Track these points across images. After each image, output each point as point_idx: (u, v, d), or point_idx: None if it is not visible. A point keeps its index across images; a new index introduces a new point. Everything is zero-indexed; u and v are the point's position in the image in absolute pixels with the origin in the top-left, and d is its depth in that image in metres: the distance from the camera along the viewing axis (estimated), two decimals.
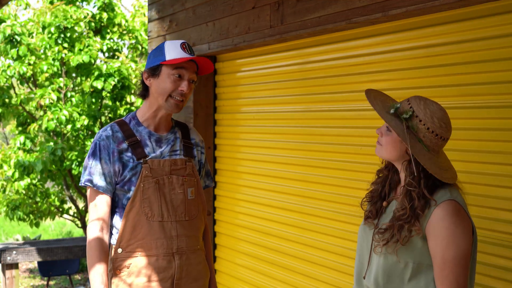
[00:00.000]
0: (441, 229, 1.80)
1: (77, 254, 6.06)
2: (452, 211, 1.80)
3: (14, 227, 11.48)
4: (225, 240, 4.27)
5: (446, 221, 1.80)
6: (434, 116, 1.86)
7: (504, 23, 2.37)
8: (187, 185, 2.46)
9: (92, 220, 2.37)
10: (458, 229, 1.80)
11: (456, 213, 1.81)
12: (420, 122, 1.86)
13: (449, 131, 1.89)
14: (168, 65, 2.35)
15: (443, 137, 1.87)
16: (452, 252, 1.79)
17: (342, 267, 3.19)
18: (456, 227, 1.79)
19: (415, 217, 1.83)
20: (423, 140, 1.86)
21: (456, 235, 1.79)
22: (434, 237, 1.81)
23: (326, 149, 3.32)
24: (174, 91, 2.36)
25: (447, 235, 1.79)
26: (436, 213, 1.81)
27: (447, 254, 1.79)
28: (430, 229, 1.82)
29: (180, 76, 2.36)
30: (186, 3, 4.24)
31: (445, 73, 2.61)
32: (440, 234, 1.80)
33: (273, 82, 3.76)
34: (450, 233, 1.79)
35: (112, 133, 2.41)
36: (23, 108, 7.45)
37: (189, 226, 2.45)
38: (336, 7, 2.89)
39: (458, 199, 1.85)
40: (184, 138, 2.54)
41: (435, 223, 1.81)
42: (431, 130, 1.85)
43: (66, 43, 6.87)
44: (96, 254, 2.32)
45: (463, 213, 1.83)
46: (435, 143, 1.86)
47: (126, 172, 2.38)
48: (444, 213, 1.80)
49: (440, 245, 1.80)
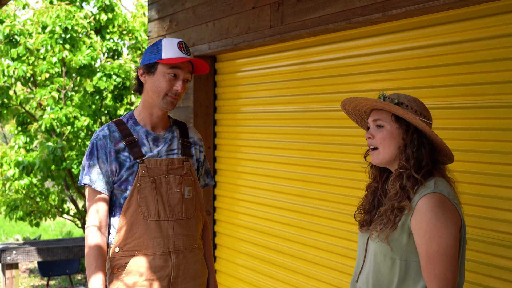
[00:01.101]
0: (423, 222, 1.78)
1: (77, 254, 6.06)
2: (434, 204, 1.78)
3: (14, 227, 11.48)
4: (225, 240, 4.27)
5: (428, 215, 1.78)
6: (415, 101, 1.94)
7: (504, 23, 2.37)
8: (184, 184, 2.47)
9: (90, 221, 2.38)
10: (440, 222, 1.77)
11: (439, 205, 1.78)
12: (407, 107, 1.91)
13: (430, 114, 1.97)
14: (164, 64, 2.36)
15: (429, 118, 1.93)
16: (436, 245, 1.76)
17: (342, 267, 3.19)
18: (438, 220, 1.77)
19: (406, 195, 1.84)
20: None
21: (440, 228, 1.76)
22: (418, 231, 1.80)
23: (326, 149, 3.32)
24: (169, 90, 2.37)
25: (429, 229, 1.77)
26: (418, 207, 1.80)
27: (431, 249, 1.77)
28: (414, 223, 1.81)
29: (175, 75, 2.37)
30: (186, 3, 4.24)
31: (445, 73, 2.61)
32: (422, 228, 1.78)
33: (273, 82, 3.76)
34: (432, 227, 1.77)
35: (109, 132, 2.42)
36: (23, 108, 7.45)
37: (186, 225, 2.46)
38: (336, 7, 2.89)
39: (444, 191, 1.82)
40: (182, 136, 2.54)
41: (418, 217, 1.80)
42: (419, 112, 1.92)
43: (67, 43, 6.87)
44: (94, 253, 2.33)
45: (448, 205, 1.80)
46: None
47: (123, 171, 2.38)
48: (425, 206, 1.79)
49: (423, 239, 1.78)
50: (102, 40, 7.62)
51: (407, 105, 1.91)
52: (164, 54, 2.36)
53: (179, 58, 2.35)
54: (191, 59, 2.39)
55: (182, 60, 2.35)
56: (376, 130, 1.95)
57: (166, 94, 2.38)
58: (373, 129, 1.96)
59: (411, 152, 1.87)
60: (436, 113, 2.43)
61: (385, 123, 1.92)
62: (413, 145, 1.87)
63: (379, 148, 1.94)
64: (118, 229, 2.39)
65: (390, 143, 1.91)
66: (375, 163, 1.97)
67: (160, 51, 2.37)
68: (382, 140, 1.93)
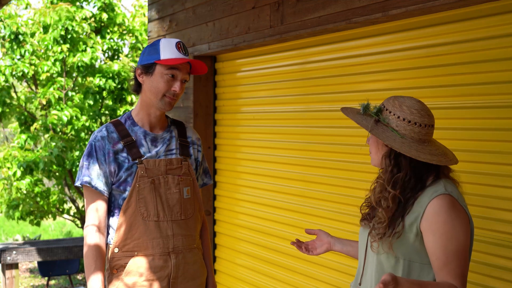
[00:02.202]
0: (438, 224, 1.79)
1: (77, 254, 6.06)
2: (447, 205, 1.79)
3: (14, 227, 11.48)
4: (225, 240, 4.27)
5: (443, 216, 1.79)
6: (403, 105, 1.88)
7: (504, 23, 2.36)
8: (183, 185, 2.47)
9: (89, 221, 2.37)
10: (456, 222, 1.79)
11: (452, 206, 1.80)
12: (390, 113, 1.89)
13: (424, 117, 1.86)
14: (162, 65, 2.36)
15: (418, 123, 1.85)
16: (454, 246, 1.78)
17: (342, 267, 3.19)
18: (453, 220, 1.78)
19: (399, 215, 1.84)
20: (397, 130, 1.87)
21: (456, 229, 1.78)
22: (432, 233, 1.80)
23: (326, 149, 3.32)
24: (167, 91, 2.37)
25: (446, 230, 1.78)
26: (431, 208, 1.80)
27: (449, 249, 1.78)
28: (427, 226, 1.81)
29: (174, 76, 2.36)
30: (186, 3, 4.24)
31: (445, 73, 2.61)
32: (438, 230, 1.79)
33: (273, 82, 3.76)
34: (449, 227, 1.78)
35: (107, 133, 2.41)
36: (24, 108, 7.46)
37: (185, 225, 2.46)
38: (336, 7, 2.89)
39: (454, 193, 1.83)
40: (180, 136, 2.54)
41: (431, 219, 1.80)
42: (402, 118, 1.86)
43: (67, 43, 6.87)
44: (93, 254, 2.33)
45: (458, 206, 1.81)
46: (410, 130, 1.85)
47: (122, 172, 2.38)
48: (438, 207, 1.79)
49: (440, 241, 1.79)
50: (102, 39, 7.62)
51: (390, 110, 1.89)
52: (162, 54, 2.35)
53: (178, 59, 2.34)
54: (189, 60, 2.38)
55: (180, 61, 2.34)
56: (369, 138, 1.99)
57: (164, 95, 2.37)
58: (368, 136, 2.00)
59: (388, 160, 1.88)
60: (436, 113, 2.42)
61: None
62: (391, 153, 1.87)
63: (371, 154, 1.99)
64: (117, 229, 2.39)
65: (376, 150, 1.95)
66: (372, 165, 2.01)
67: (158, 51, 2.37)
68: (371, 147, 1.98)
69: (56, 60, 6.97)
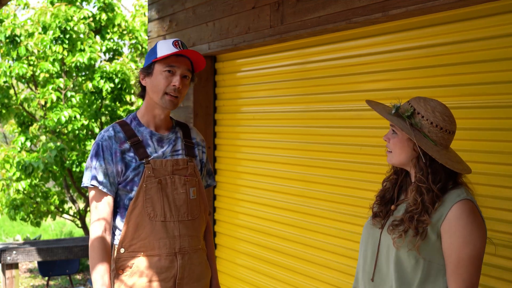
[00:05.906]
0: (457, 227, 1.81)
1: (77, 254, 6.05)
2: (469, 210, 1.82)
3: (14, 227, 11.48)
4: (225, 240, 4.27)
5: (463, 220, 1.81)
6: (435, 111, 1.89)
7: (504, 23, 2.37)
8: (189, 185, 2.47)
9: (95, 221, 2.36)
10: (475, 227, 1.81)
11: (473, 212, 1.83)
12: (422, 118, 1.89)
13: (453, 124, 1.91)
14: (160, 63, 2.37)
15: (448, 130, 1.89)
16: (469, 251, 1.80)
17: (342, 267, 3.19)
18: (472, 225, 1.81)
19: (425, 209, 1.86)
20: (429, 135, 1.89)
21: (474, 235, 1.81)
22: (450, 235, 1.82)
23: (326, 149, 3.32)
24: (167, 87, 2.37)
25: (464, 234, 1.80)
26: (453, 212, 1.83)
27: (463, 253, 1.80)
28: (447, 227, 1.83)
29: (172, 71, 2.37)
30: (186, 3, 4.24)
31: (445, 73, 2.61)
32: (456, 233, 1.81)
33: (273, 82, 3.76)
34: (467, 232, 1.80)
35: (114, 133, 2.41)
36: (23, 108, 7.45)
37: (191, 226, 2.46)
38: (336, 7, 2.89)
39: (473, 199, 1.87)
40: (185, 137, 2.55)
41: (452, 222, 1.82)
42: (434, 124, 1.88)
43: (66, 44, 6.87)
44: (99, 254, 2.32)
45: (478, 213, 1.85)
46: (441, 136, 1.89)
47: (129, 172, 2.38)
48: (460, 212, 1.82)
49: (456, 243, 1.81)
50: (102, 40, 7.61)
51: (423, 115, 1.89)
52: (159, 53, 2.38)
53: (173, 52, 2.36)
54: (183, 52, 2.38)
55: (173, 53, 2.34)
56: (391, 134, 1.98)
57: (165, 93, 2.38)
58: (389, 132, 1.99)
59: (425, 165, 1.88)
60: None
61: (398, 130, 1.95)
62: (425, 156, 1.88)
63: (392, 152, 1.98)
64: (123, 230, 2.38)
65: (400, 151, 1.95)
66: (388, 163, 2.01)
67: (156, 51, 2.39)
68: (394, 146, 1.97)
69: (55, 60, 6.96)
